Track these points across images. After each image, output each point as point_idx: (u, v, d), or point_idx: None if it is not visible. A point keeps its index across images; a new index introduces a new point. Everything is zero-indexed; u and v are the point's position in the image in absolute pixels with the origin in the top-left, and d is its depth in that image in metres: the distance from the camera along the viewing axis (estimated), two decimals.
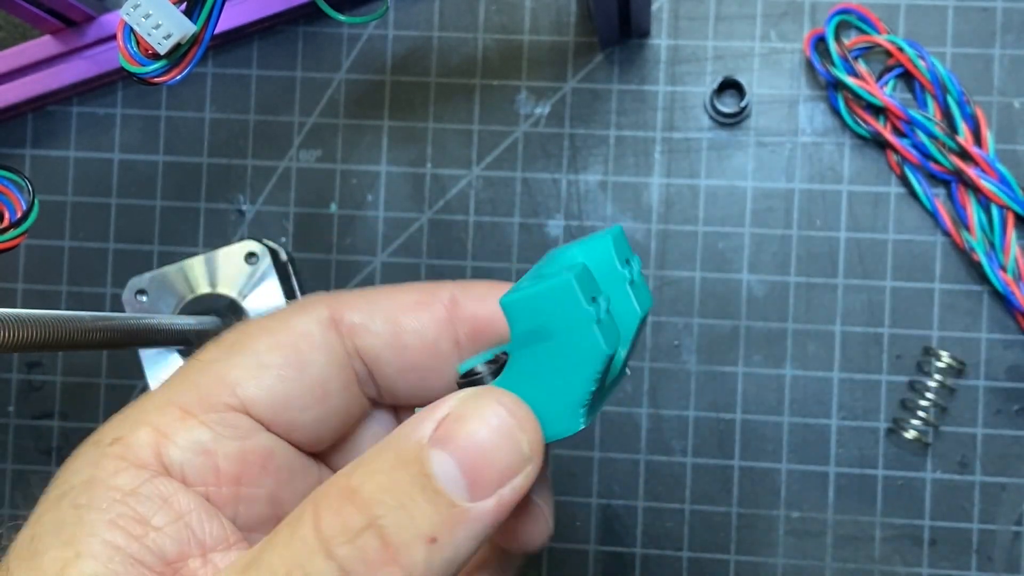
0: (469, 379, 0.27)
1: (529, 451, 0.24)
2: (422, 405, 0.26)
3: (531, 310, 0.25)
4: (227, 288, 0.52)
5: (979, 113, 0.53)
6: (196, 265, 0.53)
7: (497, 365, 0.27)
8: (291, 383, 0.28)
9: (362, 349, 0.30)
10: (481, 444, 0.24)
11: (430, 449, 0.23)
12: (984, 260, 0.52)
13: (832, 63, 0.53)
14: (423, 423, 0.24)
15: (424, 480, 0.23)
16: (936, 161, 0.52)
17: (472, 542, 0.23)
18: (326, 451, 0.30)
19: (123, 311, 0.53)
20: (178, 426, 0.27)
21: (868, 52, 0.54)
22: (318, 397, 0.29)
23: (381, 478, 0.23)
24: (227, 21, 0.55)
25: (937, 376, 0.52)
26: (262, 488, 0.28)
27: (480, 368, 0.27)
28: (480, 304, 0.30)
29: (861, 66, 0.53)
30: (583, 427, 0.25)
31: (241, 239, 0.55)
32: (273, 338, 0.28)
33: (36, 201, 0.40)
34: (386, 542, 0.23)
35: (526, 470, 0.24)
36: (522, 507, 0.28)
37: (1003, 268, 0.52)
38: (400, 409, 0.33)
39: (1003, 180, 0.52)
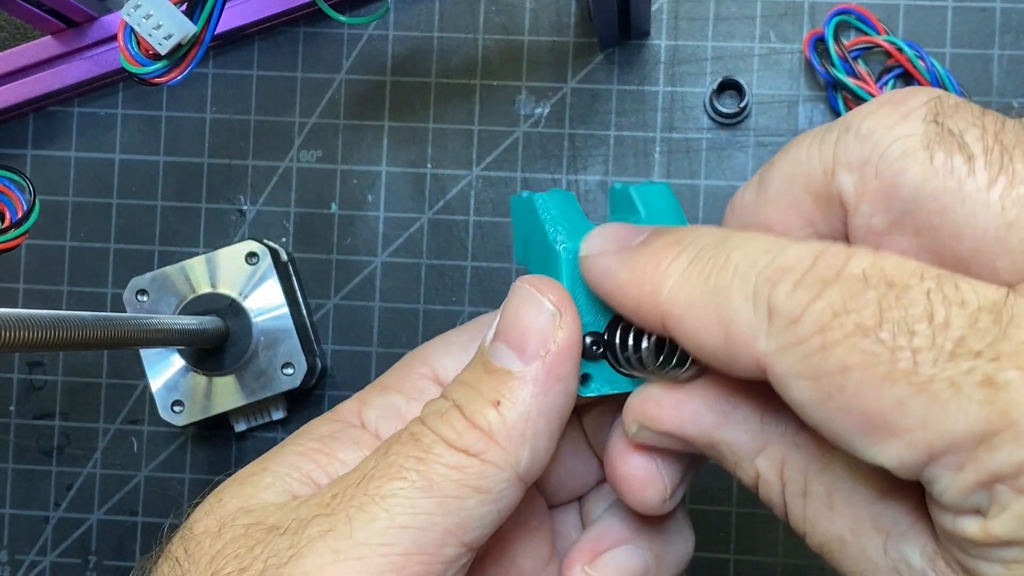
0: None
1: (554, 306, 0.28)
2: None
3: (518, 234, 0.31)
4: (228, 288, 0.53)
5: None
6: (197, 265, 0.53)
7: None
8: (472, 354, 0.31)
9: None
10: (512, 316, 0.28)
11: (489, 341, 0.28)
12: None
13: (831, 63, 0.53)
14: (488, 331, 0.29)
15: (485, 364, 0.28)
16: None
17: (539, 399, 0.27)
18: None
19: (124, 311, 0.53)
20: (378, 395, 0.32)
21: (867, 52, 0.54)
22: None
23: (462, 376, 0.29)
24: (227, 21, 0.55)
25: None
26: None
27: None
28: None
29: (860, 66, 0.53)
30: (561, 256, 0.28)
31: (242, 239, 0.56)
32: (462, 328, 0.34)
33: (37, 201, 0.40)
34: (463, 412, 0.27)
35: (561, 324, 0.28)
36: (661, 527, 0.32)
37: None
38: None
39: None
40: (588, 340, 0.29)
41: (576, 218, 0.30)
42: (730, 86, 0.55)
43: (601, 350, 0.29)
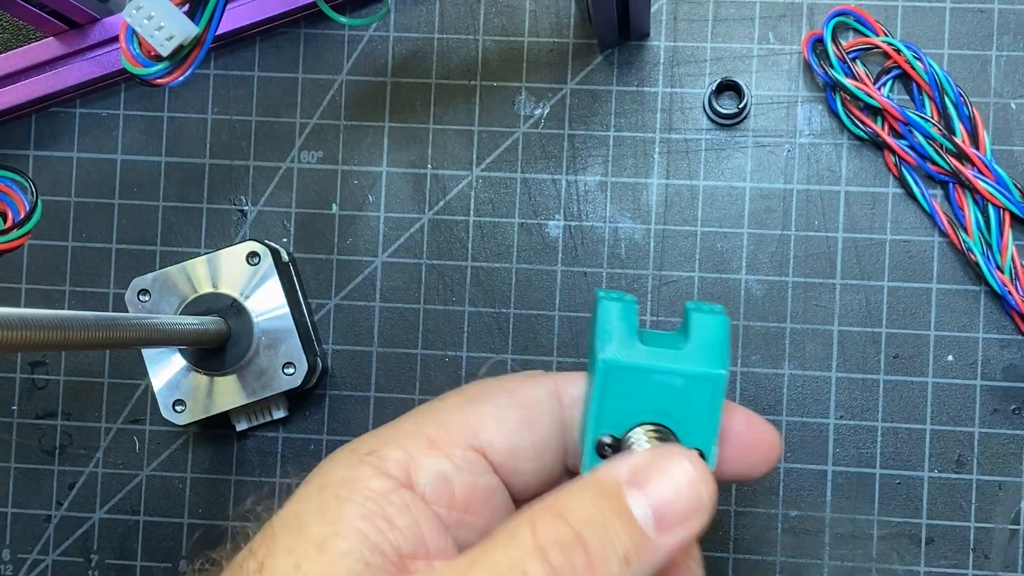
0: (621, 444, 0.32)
1: (708, 503, 0.29)
2: None
3: (592, 320, 0.33)
4: (229, 288, 0.53)
5: (976, 114, 0.53)
6: (198, 265, 0.53)
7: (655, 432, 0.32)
8: (523, 437, 0.33)
9: (572, 421, 0.34)
10: (671, 490, 0.28)
11: (626, 488, 0.28)
12: (981, 260, 0.52)
13: (830, 65, 0.53)
14: (619, 467, 0.29)
15: (622, 511, 0.28)
16: (933, 162, 0.53)
17: (651, 570, 0.28)
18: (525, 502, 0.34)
19: (126, 311, 0.53)
20: (426, 453, 0.32)
21: (866, 54, 0.54)
22: (538, 454, 0.33)
23: (586, 505, 0.28)
24: (229, 23, 0.55)
25: None
26: (480, 519, 0.33)
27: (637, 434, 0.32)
28: None
29: (859, 68, 0.53)
30: (599, 366, 0.31)
31: (243, 239, 0.56)
32: (511, 397, 0.33)
33: (39, 202, 0.41)
34: (590, 556, 0.27)
35: (703, 518, 0.29)
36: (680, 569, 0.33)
37: (1000, 268, 0.52)
38: None
39: (1000, 181, 0.52)
40: (606, 440, 0.31)
41: (627, 331, 0.32)
42: (729, 87, 0.55)
43: (612, 453, 0.32)
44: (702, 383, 0.31)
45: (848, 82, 0.52)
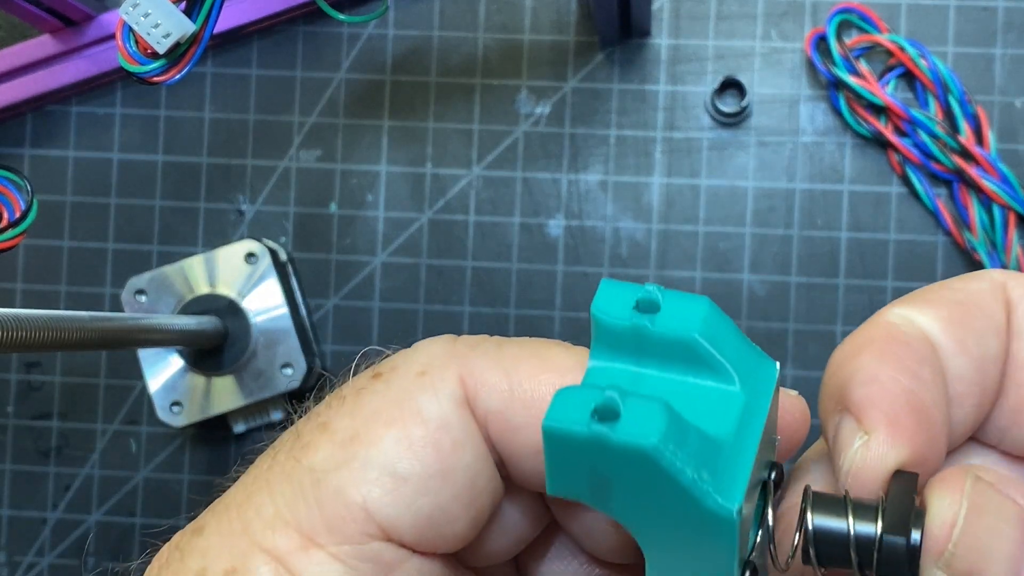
0: None
1: None
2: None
3: (570, 469, 0.20)
4: (226, 288, 0.52)
5: (980, 112, 0.52)
6: (195, 265, 0.53)
7: None
8: (437, 495, 0.21)
9: (501, 433, 0.23)
10: None
11: None
12: (986, 260, 0.52)
13: (833, 62, 0.52)
14: None
15: None
16: (937, 161, 0.52)
17: None
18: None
19: (122, 311, 0.53)
20: (303, 559, 0.21)
21: (869, 51, 0.54)
22: (467, 503, 0.22)
23: None
24: (226, 20, 0.55)
25: None
26: None
27: None
28: None
29: (862, 65, 0.53)
30: (736, 522, 0.19)
31: (241, 239, 0.55)
32: (402, 432, 0.21)
33: (35, 201, 0.40)
34: None
35: None
36: None
37: (1004, 268, 0.52)
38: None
39: (1004, 180, 0.52)
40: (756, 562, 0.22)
41: (709, 451, 0.20)
42: (731, 85, 0.54)
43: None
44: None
45: (852, 80, 0.52)
